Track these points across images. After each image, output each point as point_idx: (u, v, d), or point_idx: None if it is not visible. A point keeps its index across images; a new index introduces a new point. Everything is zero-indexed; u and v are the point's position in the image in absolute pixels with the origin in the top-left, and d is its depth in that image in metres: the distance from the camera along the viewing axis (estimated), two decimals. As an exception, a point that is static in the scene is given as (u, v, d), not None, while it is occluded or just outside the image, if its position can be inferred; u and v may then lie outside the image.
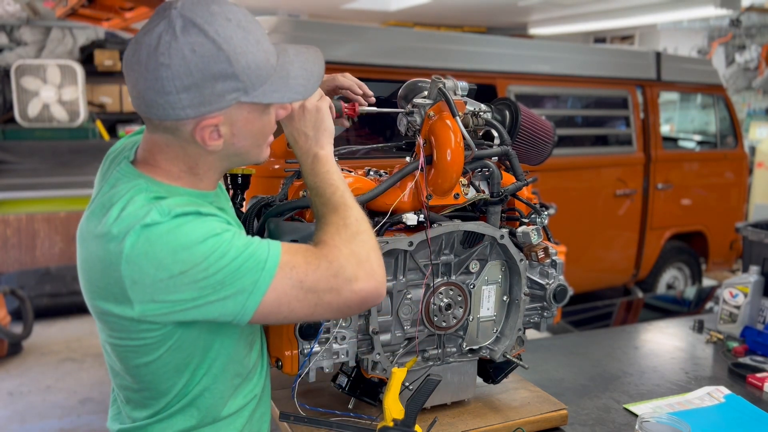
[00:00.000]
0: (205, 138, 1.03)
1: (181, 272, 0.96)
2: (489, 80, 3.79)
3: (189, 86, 0.98)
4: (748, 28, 8.19)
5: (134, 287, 0.98)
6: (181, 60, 0.96)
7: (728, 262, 5.20)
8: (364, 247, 1.08)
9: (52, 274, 5.16)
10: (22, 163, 5.88)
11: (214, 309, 1.00)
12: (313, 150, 1.19)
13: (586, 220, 4.33)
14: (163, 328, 1.03)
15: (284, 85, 1.06)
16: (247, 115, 1.05)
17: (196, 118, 1.01)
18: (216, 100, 1.00)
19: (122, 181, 1.06)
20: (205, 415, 1.15)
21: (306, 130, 1.19)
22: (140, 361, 1.07)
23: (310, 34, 3.29)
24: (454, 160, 1.35)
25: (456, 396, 1.55)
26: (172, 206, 0.99)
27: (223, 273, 0.98)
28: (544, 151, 1.63)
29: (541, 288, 1.56)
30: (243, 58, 1.00)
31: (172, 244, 0.97)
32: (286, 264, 1.02)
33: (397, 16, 9.05)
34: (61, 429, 3.46)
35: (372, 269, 1.07)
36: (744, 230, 2.37)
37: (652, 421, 1.40)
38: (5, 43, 6.91)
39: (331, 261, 1.05)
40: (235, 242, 1.00)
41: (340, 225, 1.10)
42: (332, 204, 1.13)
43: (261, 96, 1.04)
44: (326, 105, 1.22)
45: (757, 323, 2.23)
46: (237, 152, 1.09)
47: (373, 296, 1.07)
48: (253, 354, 1.23)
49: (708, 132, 6.37)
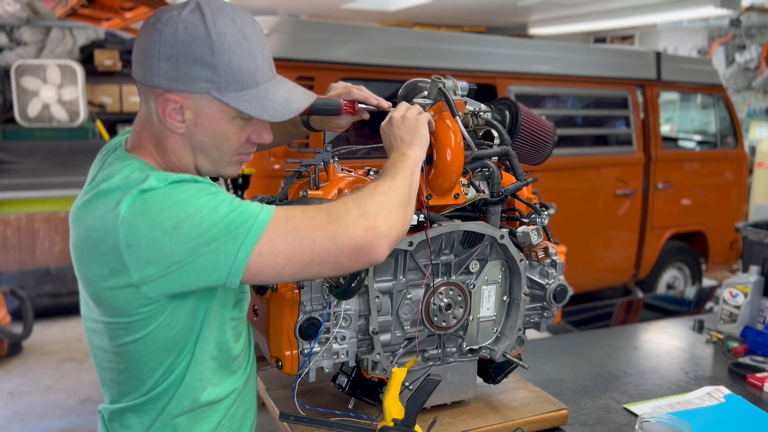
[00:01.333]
0: (166, 111, 1.07)
1: (174, 227, 0.98)
2: (489, 80, 3.79)
3: (169, 57, 1.04)
4: (748, 28, 8.19)
5: (129, 251, 0.99)
6: (173, 32, 1.03)
7: (728, 262, 5.20)
8: (376, 203, 1.08)
9: (52, 274, 5.16)
10: (22, 163, 5.89)
11: (207, 263, 1.00)
12: (404, 150, 1.25)
13: (586, 220, 4.33)
14: (155, 302, 1.04)
15: (259, 102, 1.08)
16: (214, 112, 1.08)
17: (165, 90, 1.06)
18: (188, 81, 1.05)
19: (115, 164, 1.10)
20: (184, 397, 1.15)
21: (403, 135, 1.27)
22: (129, 338, 1.08)
23: (310, 34, 3.29)
24: (454, 160, 1.35)
25: (456, 396, 1.55)
26: (169, 174, 1.03)
27: (216, 228, 0.99)
28: (544, 151, 1.63)
29: (541, 288, 1.56)
30: (226, 55, 1.04)
31: (166, 201, 0.99)
32: (283, 216, 1.04)
33: (397, 16, 9.05)
34: (61, 429, 3.46)
35: (375, 223, 1.06)
36: (744, 230, 2.37)
37: (652, 421, 1.40)
38: (5, 43, 6.91)
39: (330, 211, 1.06)
40: (228, 200, 1.03)
41: (368, 187, 1.13)
42: (382, 175, 1.17)
43: (232, 99, 1.06)
44: (426, 119, 1.30)
45: (757, 323, 2.24)
46: (197, 145, 1.11)
47: (369, 246, 1.05)
48: (239, 345, 1.23)
49: (708, 132, 6.37)
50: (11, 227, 5.20)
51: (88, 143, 6.28)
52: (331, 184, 1.36)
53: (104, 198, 1.02)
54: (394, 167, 1.20)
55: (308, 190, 1.33)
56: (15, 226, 5.21)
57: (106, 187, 1.03)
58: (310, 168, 1.36)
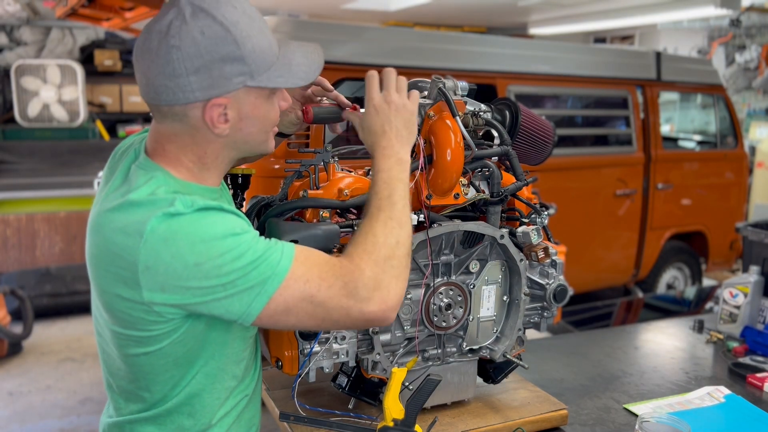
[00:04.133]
0: (214, 119, 1.04)
1: (195, 264, 0.97)
2: (489, 80, 3.79)
3: (198, 68, 1.00)
4: (748, 28, 8.19)
5: (146, 273, 0.98)
6: (192, 42, 0.99)
7: (728, 262, 5.20)
8: (389, 273, 1.09)
9: (52, 274, 5.16)
10: (22, 163, 5.89)
11: (221, 305, 1.01)
12: (399, 149, 1.20)
13: (586, 220, 4.33)
14: (170, 321, 1.03)
15: (288, 71, 1.09)
16: (254, 100, 1.07)
17: (204, 101, 1.03)
18: (224, 83, 1.03)
19: (139, 173, 1.07)
20: (201, 416, 1.14)
21: (398, 126, 1.20)
22: (140, 351, 1.07)
23: (310, 34, 3.28)
24: (454, 160, 1.35)
25: (456, 396, 1.55)
26: (196, 199, 1.01)
27: (235, 274, 0.99)
28: (544, 151, 1.63)
29: (541, 288, 1.56)
30: (249, 42, 1.03)
31: (192, 235, 0.98)
32: (301, 276, 1.03)
33: (397, 16, 9.05)
34: (61, 429, 3.46)
35: (387, 296, 1.08)
36: (744, 230, 2.36)
37: (652, 421, 1.40)
38: (5, 43, 6.91)
39: (347, 282, 1.05)
40: (253, 245, 1.01)
41: (377, 242, 1.10)
42: (384, 210, 1.13)
43: (266, 80, 1.06)
44: (416, 110, 1.25)
45: (757, 323, 2.23)
46: (244, 139, 1.10)
47: (379, 319, 1.09)
48: (248, 354, 1.23)
49: (708, 132, 6.37)
50: (11, 227, 5.20)
51: (88, 143, 6.29)
52: (331, 184, 1.35)
53: (128, 211, 1.00)
54: (394, 193, 1.15)
55: (308, 191, 1.33)
56: (15, 226, 5.21)
57: (132, 199, 1.01)
58: (310, 168, 1.36)
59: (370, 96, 1.23)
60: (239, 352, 1.18)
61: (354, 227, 1.32)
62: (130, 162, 1.11)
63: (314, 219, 1.33)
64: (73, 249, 5.36)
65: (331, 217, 1.35)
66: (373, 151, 1.21)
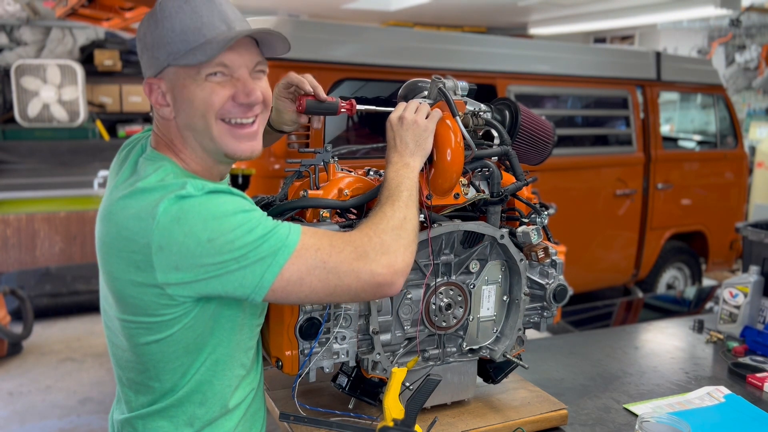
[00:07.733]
0: (158, 100, 1.13)
1: (208, 240, 1.01)
2: (489, 80, 3.79)
3: (142, 49, 1.14)
4: (748, 28, 8.19)
5: (160, 254, 1.01)
6: (140, 28, 1.14)
7: (728, 262, 5.20)
8: (396, 240, 1.13)
9: (52, 274, 5.16)
10: (22, 163, 5.89)
11: (234, 279, 1.03)
12: (407, 158, 1.28)
13: (586, 220, 4.33)
14: (181, 305, 1.05)
15: (203, 50, 1.09)
16: (182, 81, 1.11)
17: (148, 83, 1.14)
18: (156, 64, 1.12)
19: (147, 164, 1.12)
20: (212, 404, 1.16)
21: (408, 140, 1.29)
22: (151, 338, 1.09)
23: (310, 34, 3.28)
24: (454, 160, 1.35)
25: (456, 396, 1.55)
26: (206, 183, 1.06)
27: (247, 248, 1.02)
28: (544, 151, 1.63)
29: (541, 288, 1.56)
30: (168, 22, 1.10)
31: (203, 213, 1.02)
32: (312, 246, 1.07)
33: (396, 16, 9.04)
34: (61, 429, 3.46)
35: (395, 260, 1.12)
36: (744, 230, 2.37)
37: (652, 421, 1.40)
38: (5, 43, 6.91)
39: (356, 246, 1.10)
40: (263, 221, 1.06)
41: (385, 216, 1.17)
42: (393, 197, 1.20)
43: (184, 59, 1.09)
44: (432, 130, 1.32)
45: (757, 323, 2.24)
46: (188, 124, 1.13)
47: (388, 284, 1.11)
48: (255, 344, 1.25)
49: (708, 132, 6.36)
50: (11, 227, 5.20)
51: (88, 143, 6.28)
52: (331, 184, 1.36)
53: (140, 197, 1.04)
54: (401, 185, 1.23)
55: (308, 191, 1.33)
56: (15, 226, 5.21)
57: (143, 186, 1.05)
58: (310, 168, 1.36)
59: (389, 116, 1.34)
60: (247, 341, 1.20)
61: (354, 227, 1.32)
62: (138, 156, 1.16)
63: (314, 219, 1.33)
64: (73, 249, 5.37)
65: (331, 217, 1.35)
66: (386, 161, 1.30)
